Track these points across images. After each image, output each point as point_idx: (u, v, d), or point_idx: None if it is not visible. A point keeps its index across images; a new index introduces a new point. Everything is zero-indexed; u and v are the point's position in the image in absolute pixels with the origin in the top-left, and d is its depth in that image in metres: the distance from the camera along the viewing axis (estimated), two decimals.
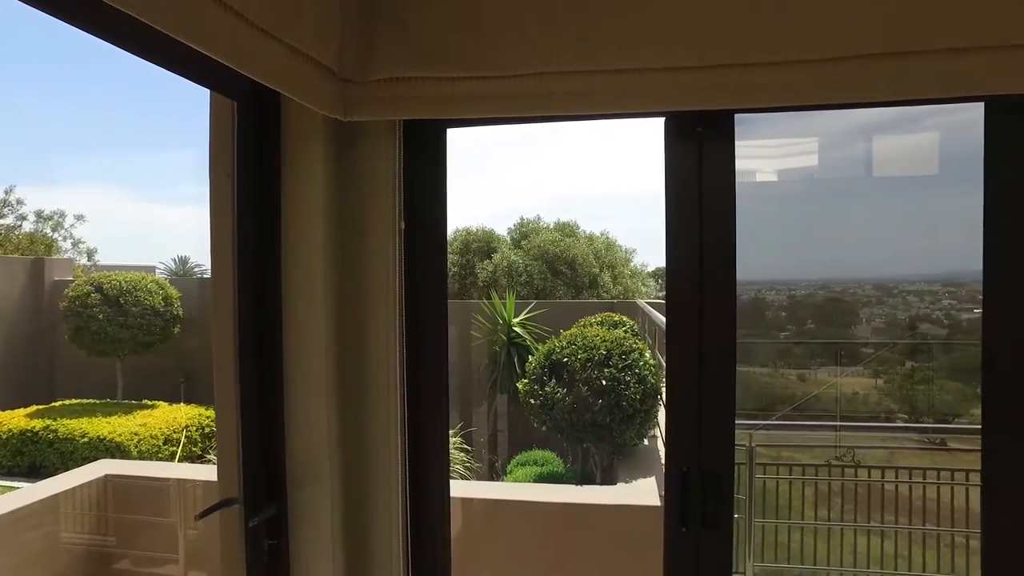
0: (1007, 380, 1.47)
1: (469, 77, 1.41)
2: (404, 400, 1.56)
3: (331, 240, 1.51)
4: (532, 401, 4.59)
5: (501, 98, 1.44)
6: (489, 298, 6.84)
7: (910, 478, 3.43)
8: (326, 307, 1.49)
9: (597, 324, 5.39)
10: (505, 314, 6.45)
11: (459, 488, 3.24)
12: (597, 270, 10.30)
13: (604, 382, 4.27)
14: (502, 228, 11.70)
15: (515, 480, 4.97)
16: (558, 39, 1.41)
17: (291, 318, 1.49)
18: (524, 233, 11.28)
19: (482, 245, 10.75)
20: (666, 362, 1.48)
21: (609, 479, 4.42)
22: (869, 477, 3.58)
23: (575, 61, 1.39)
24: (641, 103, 1.43)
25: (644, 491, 3.20)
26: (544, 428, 4.58)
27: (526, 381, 4.79)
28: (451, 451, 4.58)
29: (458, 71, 1.40)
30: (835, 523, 3.58)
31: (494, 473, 6.46)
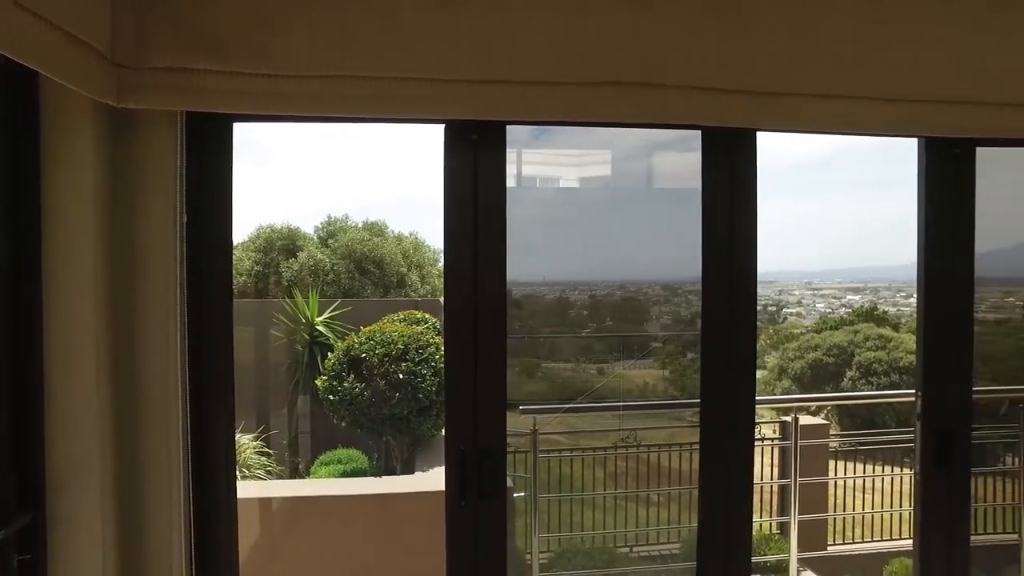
0: (712, 363, 1.86)
1: (254, 74, 1.41)
2: (186, 400, 1.51)
3: (101, 232, 1.42)
4: (332, 397, 4.56)
5: (290, 97, 1.46)
6: (292, 297, 6.62)
7: (680, 453, 3.98)
8: (96, 304, 1.39)
9: (399, 321, 5.48)
10: (308, 313, 6.28)
11: (255, 489, 3.15)
12: (405, 270, 10.37)
13: (401, 376, 4.37)
14: (309, 226, 11.29)
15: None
16: (349, 44, 1.47)
17: (54, 315, 1.37)
18: (331, 232, 11.02)
19: (287, 243, 10.31)
20: (445, 353, 1.59)
21: (409, 470, 4.52)
22: (648, 453, 4.09)
23: (364, 67, 1.46)
24: (424, 110, 1.54)
25: (438, 478, 3.35)
26: (344, 424, 4.56)
27: (325, 378, 4.74)
28: (251, 455, 4.39)
29: (242, 67, 1.40)
30: (604, 492, 4.05)
31: (297, 475, 6.28)
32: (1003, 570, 2.92)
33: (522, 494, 3.64)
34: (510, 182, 1.78)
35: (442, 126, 1.64)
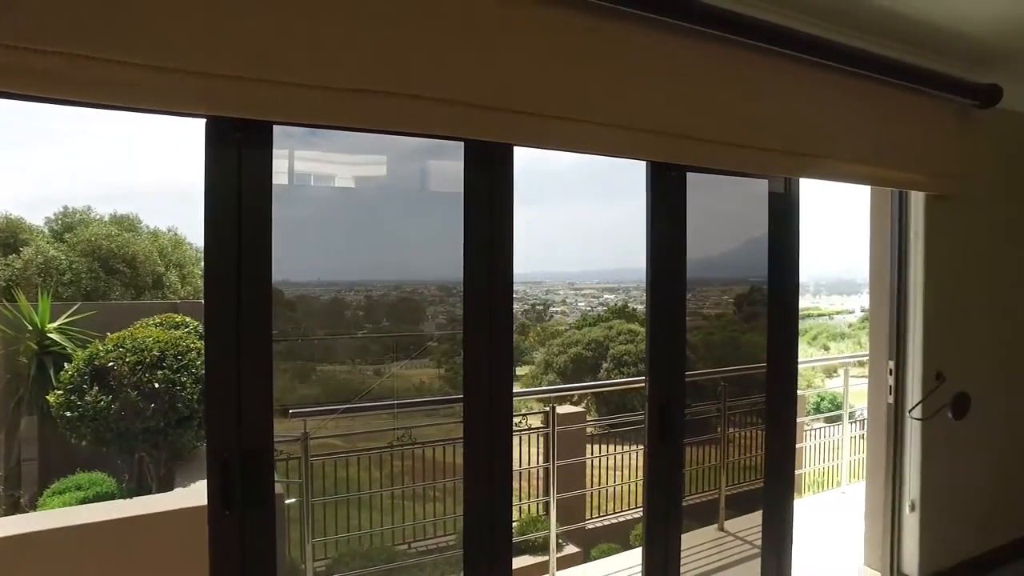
0: (473, 360, 2.01)
1: None
2: None
3: None
4: (69, 414, 3.99)
5: (25, 72, 1.30)
6: (12, 300, 5.63)
7: (455, 448, 4.16)
8: None
9: (155, 325, 4.98)
10: (36, 319, 5.40)
11: None
12: (163, 269, 9.38)
13: (157, 385, 3.98)
14: (36, 217, 9.68)
15: None
16: (96, 24, 1.34)
17: None
18: (69, 225, 9.57)
19: (5, 236, 8.76)
20: (206, 356, 1.53)
21: (168, 487, 4.14)
22: (424, 450, 4.21)
23: (112, 50, 1.35)
24: (179, 103, 1.46)
25: (201, 492, 3.13)
26: (85, 443, 4.00)
27: (60, 393, 4.13)
28: None
29: None
30: (380, 490, 4.12)
31: (19, 511, 5.38)
32: (713, 518, 3.53)
33: (295, 500, 3.53)
34: (283, 179, 1.74)
35: (203, 120, 1.56)
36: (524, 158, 2.10)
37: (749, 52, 2.42)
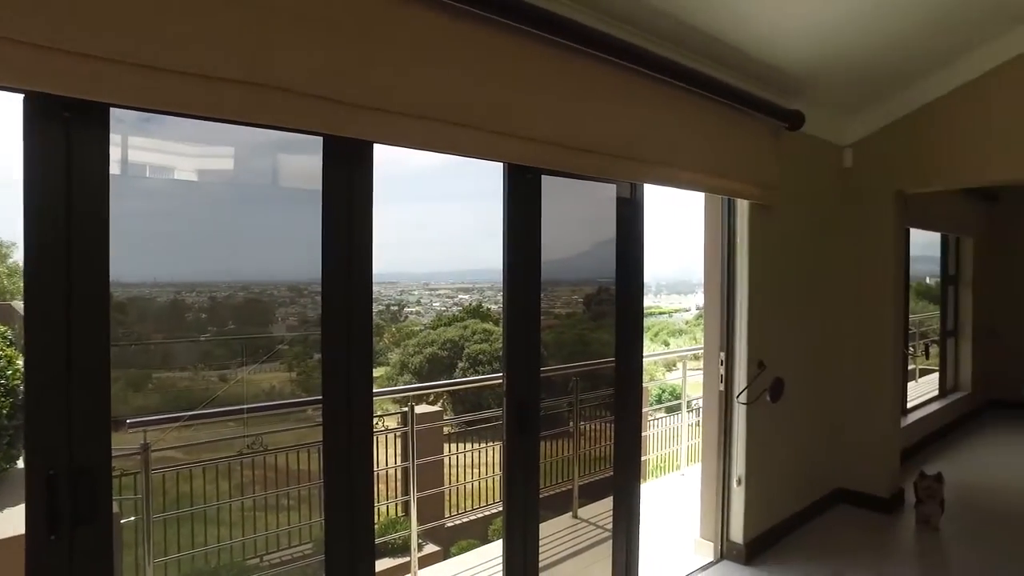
0: (332, 361, 1.98)
1: None
2: None
3: None
4: None
5: None
6: None
7: (309, 453, 4.00)
8: None
9: None
10: None
11: None
12: None
13: None
14: None
15: None
16: None
17: None
18: None
19: None
20: (26, 365, 1.36)
21: None
22: (276, 457, 4.01)
23: None
24: None
25: (13, 518, 2.78)
26: None
27: None
28: None
29: None
30: (229, 501, 3.87)
31: None
32: (567, 507, 3.70)
33: (133, 519, 3.23)
34: (114, 169, 1.59)
35: (21, 96, 1.39)
36: (376, 158, 2.07)
37: (603, 65, 2.58)
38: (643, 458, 6.23)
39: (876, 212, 4.54)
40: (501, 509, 2.72)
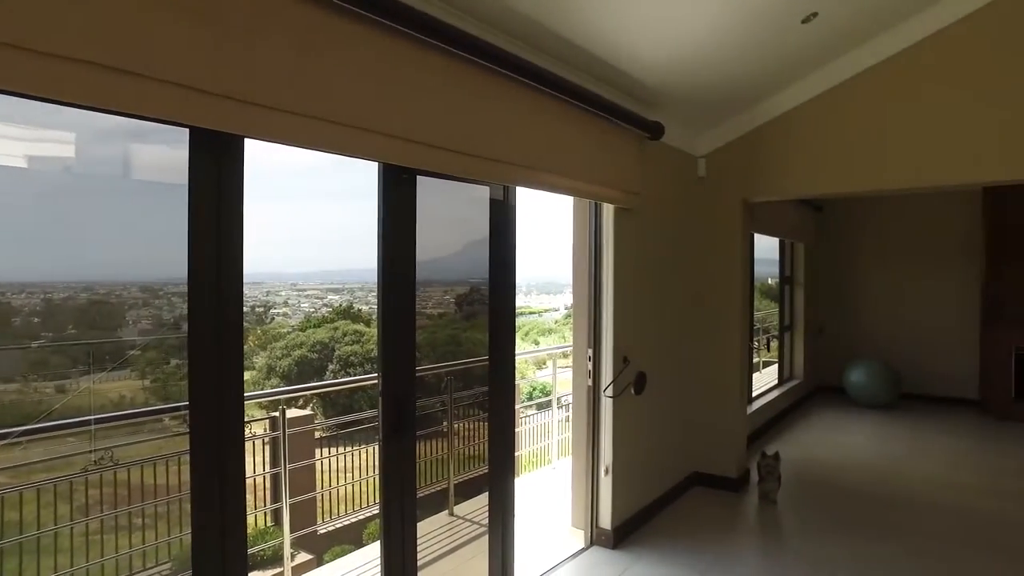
0: (200, 366, 1.89)
1: None
2: None
3: None
4: None
5: None
6: None
7: (167, 465, 3.73)
8: None
9: None
10: None
11: None
12: None
13: None
14: None
15: None
16: None
17: None
18: None
19: None
20: None
21: None
22: (129, 473, 3.69)
23: None
24: None
25: None
26: None
27: None
28: None
29: None
30: (68, 524, 3.53)
31: None
32: (444, 505, 3.73)
33: None
34: None
35: None
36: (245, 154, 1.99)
37: (481, 72, 2.64)
38: (516, 454, 6.39)
39: (726, 218, 4.98)
40: (377, 512, 2.70)
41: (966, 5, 3.97)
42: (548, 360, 6.92)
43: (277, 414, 4.17)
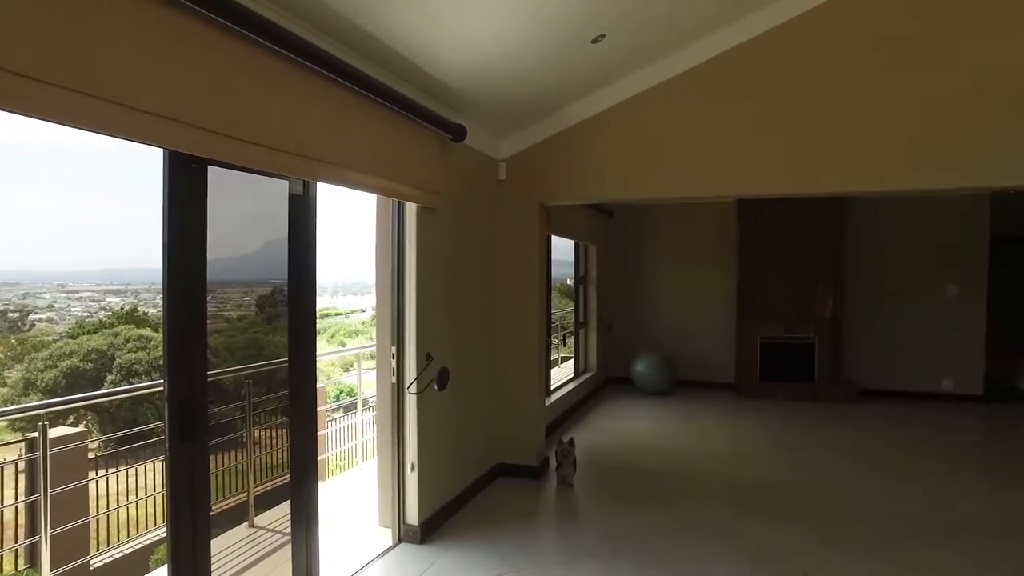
0: None
1: None
2: None
3: None
4: None
5: None
6: None
7: None
8: None
9: None
10: None
11: None
12: None
13: None
14: None
15: None
16: None
17: None
18: None
19: None
20: None
21: None
22: None
23: None
24: None
25: None
26: None
27: None
28: None
29: None
30: None
31: None
32: (243, 518, 3.52)
33: None
34: None
35: None
36: None
37: (281, 61, 2.55)
38: (322, 457, 6.21)
39: (524, 220, 5.29)
40: (165, 532, 2.50)
41: (733, 38, 4.64)
42: (355, 361, 6.80)
43: (37, 434, 3.64)
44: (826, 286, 8.84)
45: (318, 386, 3.40)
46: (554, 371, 8.24)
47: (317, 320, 3.31)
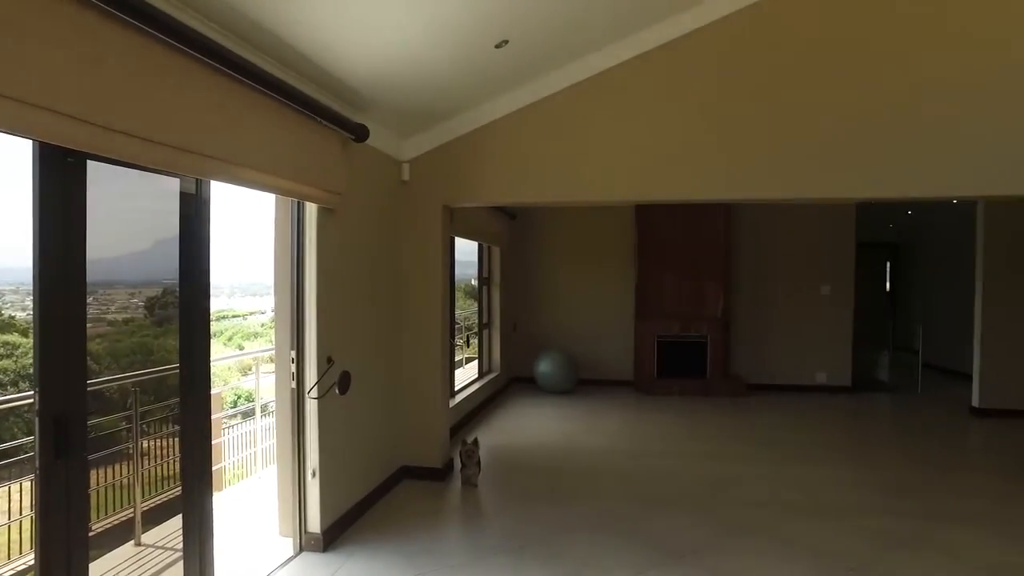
0: None
1: None
2: None
3: None
4: None
5: None
6: None
7: None
8: None
9: None
10: None
11: None
12: None
13: None
14: None
15: None
16: None
17: None
18: None
19: None
20: None
21: None
22: None
23: None
24: None
25: None
26: None
27: None
28: None
29: None
30: None
31: None
32: (128, 536, 3.30)
33: None
34: None
35: None
36: None
37: (168, 51, 2.41)
38: (217, 467, 5.93)
39: (427, 222, 5.27)
40: (33, 560, 2.30)
41: (631, 50, 4.84)
42: (254, 365, 6.53)
43: None
44: (717, 287, 9.39)
45: (213, 392, 3.25)
46: (459, 372, 8.25)
47: (212, 322, 3.16)
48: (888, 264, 14.10)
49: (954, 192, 4.63)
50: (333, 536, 4.07)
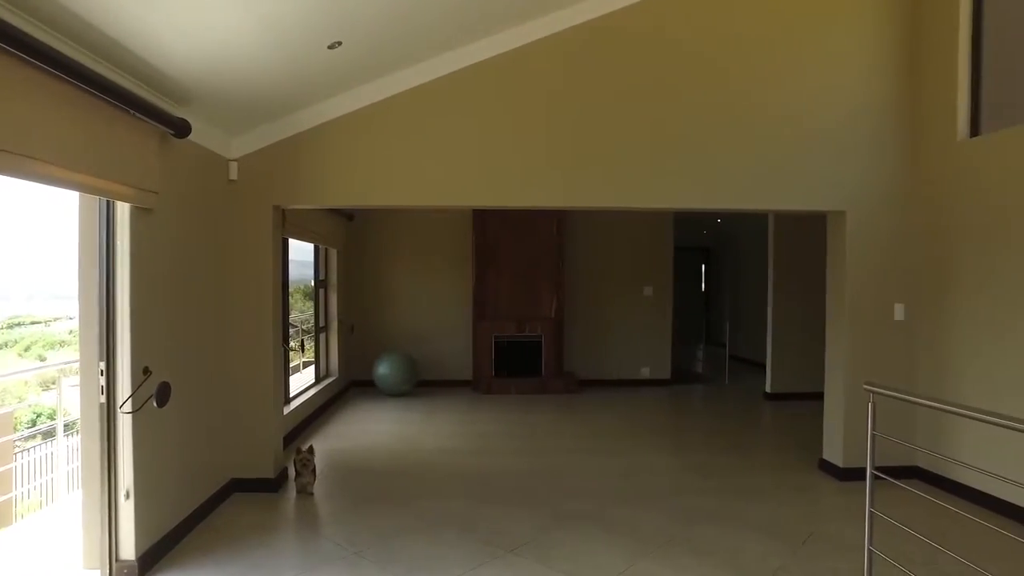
0: None
1: None
2: None
3: None
4: None
5: None
6: None
7: None
8: None
9: None
10: None
11: None
12: None
13: None
14: None
15: None
16: None
17: None
18: None
19: None
20: None
21: None
22: None
23: None
24: None
25: None
26: None
27: None
28: None
29: None
30: None
31: None
32: None
33: None
34: None
35: None
36: None
37: None
38: (5, 498, 5.26)
39: (257, 222, 5.05)
40: None
41: (471, 57, 5.02)
42: (58, 378, 5.83)
43: None
44: (550, 288, 9.89)
45: (2, 411, 2.89)
46: (295, 377, 7.95)
47: (1, 330, 2.81)
48: (703, 266, 15.70)
49: (737, 206, 5.39)
50: (151, 561, 3.77)
